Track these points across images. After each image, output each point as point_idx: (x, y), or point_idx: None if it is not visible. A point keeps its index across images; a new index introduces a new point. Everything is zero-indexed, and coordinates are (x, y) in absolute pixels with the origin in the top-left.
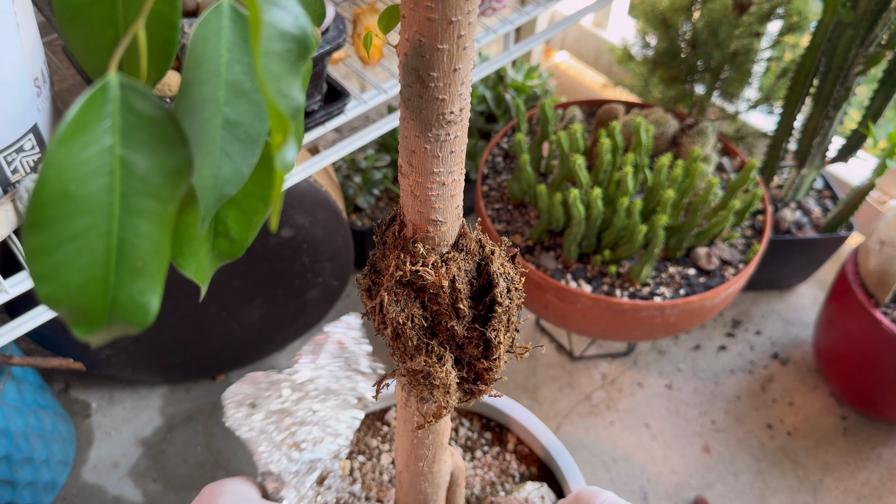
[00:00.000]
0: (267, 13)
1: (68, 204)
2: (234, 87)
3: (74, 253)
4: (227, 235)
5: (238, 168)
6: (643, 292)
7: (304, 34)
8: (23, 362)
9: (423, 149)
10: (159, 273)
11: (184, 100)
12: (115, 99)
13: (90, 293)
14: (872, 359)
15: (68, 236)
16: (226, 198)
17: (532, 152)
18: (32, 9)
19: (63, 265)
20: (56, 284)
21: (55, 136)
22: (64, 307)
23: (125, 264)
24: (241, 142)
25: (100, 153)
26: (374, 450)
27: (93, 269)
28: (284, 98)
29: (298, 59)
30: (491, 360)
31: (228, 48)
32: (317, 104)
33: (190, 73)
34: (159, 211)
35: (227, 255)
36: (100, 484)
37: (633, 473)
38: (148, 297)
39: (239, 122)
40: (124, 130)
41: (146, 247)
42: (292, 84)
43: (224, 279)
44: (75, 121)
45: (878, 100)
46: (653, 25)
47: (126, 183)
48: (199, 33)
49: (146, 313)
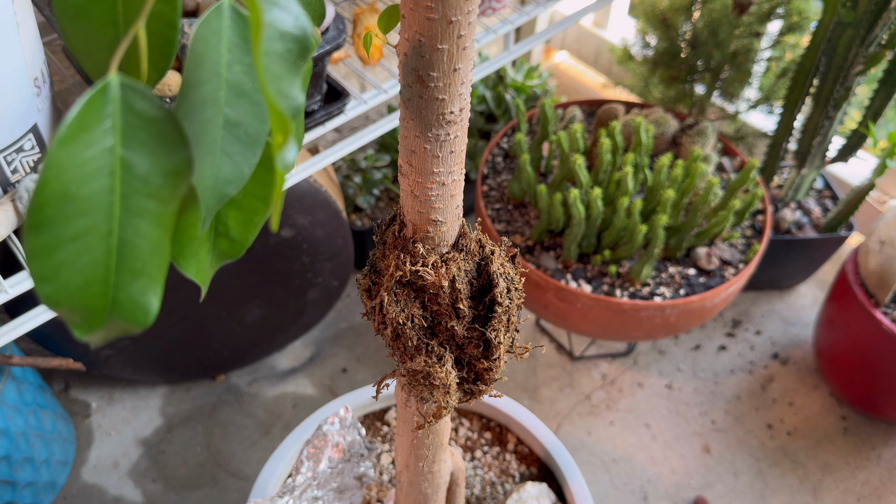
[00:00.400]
0: (267, 13)
1: (69, 204)
2: (235, 88)
3: (75, 253)
4: (227, 236)
5: (239, 168)
6: (643, 292)
7: (305, 34)
8: (23, 362)
9: (423, 149)
10: (159, 273)
11: (184, 100)
12: (116, 99)
13: (90, 293)
14: (872, 359)
15: (69, 237)
16: (227, 198)
17: (532, 152)
18: (32, 9)
19: (64, 266)
20: (57, 285)
21: (56, 137)
22: (64, 308)
23: (125, 265)
24: (241, 142)
25: (100, 154)
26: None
27: (93, 270)
28: (285, 98)
29: (299, 60)
30: (491, 360)
31: (229, 48)
32: (317, 104)
33: (191, 73)
34: (160, 211)
35: (227, 256)
36: (100, 484)
37: (633, 473)
38: (148, 297)
39: (240, 122)
40: (125, 131)
41: (146, 247)
42: (293, 84)
43: (224, 279)
44: (76, 121)
45: (878, 100)
46: (653, 25)
47: (126, 183)
48: (199, 34)
49: (146, 314)
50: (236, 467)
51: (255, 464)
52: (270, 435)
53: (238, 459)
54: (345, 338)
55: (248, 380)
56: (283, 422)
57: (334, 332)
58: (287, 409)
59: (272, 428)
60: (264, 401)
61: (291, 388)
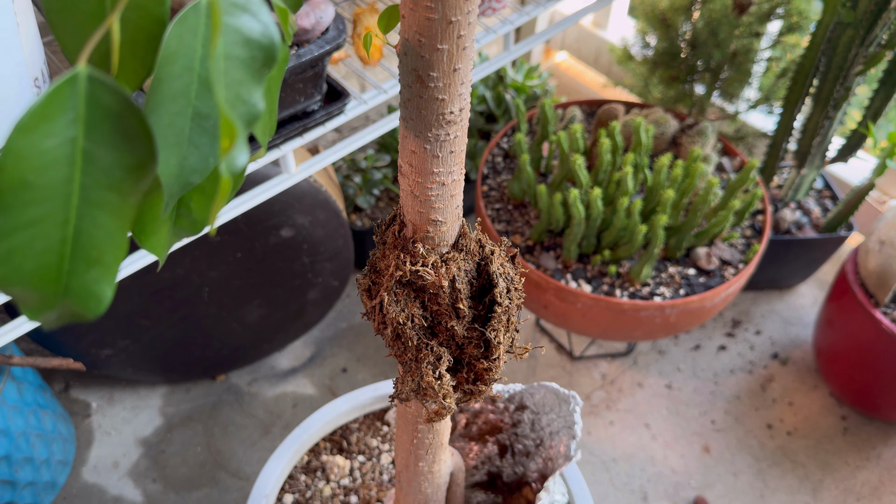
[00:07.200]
0: (234, 18)
1: (25, 192)
2: (207, 82)
3: (29, 239)
4: (189, 216)
5: (205, 159)
6: (643, 292)
7: (272, 44)
8: (23, 362)
9: (423, 149)
10: (114, 263)
11: (155, 93)
12: (82, 92)
13: (42, 278)
14: (872, 359)
15: (24, 223)
16: (190, 186)
17: (532, 152)
18: (32, 9)
19: (17, 250)
20: (9, 267)
21: (17, 124)
22: (16, 289)
23: (80, 253)
24: (209, 134)
25: (61, 144)
26: (374, 450)
27: (46, 256)
28: (243, 104)
29: (263, 68)
30: (491, 360)
31: (203, 45)
32: (317, 104)
33: (163, 68)
34: (119, 204)
35: (187, 233)
36: (100, 484)
37: (632, 473)
38: (102, 286)
39: (209, 115)
40: (89, 123)
41: (103, 237)
42: (253, 91)
43: (224, 279)
44: (39, 110)
45: (878, 100)
46: (653, 25)
47: (87, 174)
48: (175, 31)
49: (99, 302)
50: (236, 467)
51: (255, 464)
52: (270, 435)
53: (238, 459)
54: (345, 338)
55: (248, 380)
56: (283, 422)
57: (334, 332)
58: (287, 409)
59: (272, 428)
60: (264, 401)
61: (291, 387)
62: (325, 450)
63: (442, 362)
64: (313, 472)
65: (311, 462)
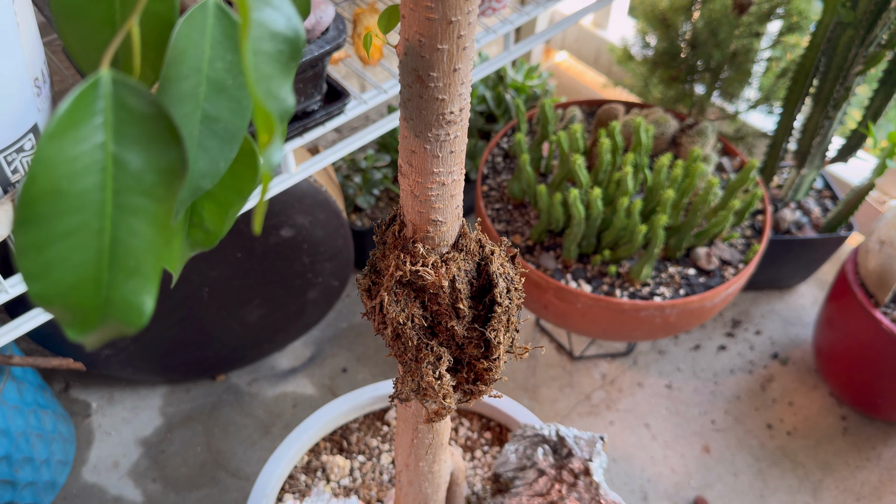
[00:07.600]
0: (259, 12)
1: (59, 201)
2: (216, 84)
3: (66, 251)
4: (202, 226)
5: (215, 163)
6: (643, 292)
7: (297, 35)
8: (23, 362)
9: (423, 149)
10: (154, 273)
11: (163, 95)
12: (108, 95)
13: (83, 292)
14: (872, 359)
15: (59, 234)
16: (201, 191)
17: (532, 152)
18: (32, 9)
19: (54, 263)
20: (47, 282)
21: (45, 132)
22: (57, 306)
23: (118, 263)
24: (219, 137)
25: (91, 149)
26: (374, 450)
27: (85, 268)
28: (274, 99)
29: (290, 61)
30: (491, 360)
31: (211, 45)
32: (317, 104)
33: (171, 69)
34: (154, 210)
35: (201, 245)
36: (100, 484)
37: (632, 473)
38: (142, 297)
39: (218, 118)
40: (117, 127)
41: (140, 246)
42: (283, 85)
43: (224, 279)
44: (66, 116)
45: (878, 100)
46: (653, 25)
47: (119, 181)
48: (182, 30)
49: (140, 314)
50: (236, 467)
51: (255, 464)
52: (270, 435)
53: (238, 459)
54: (345, 338)
55: (248, 380)
56: (283, 422)
57: (334, 332)
58: (287, 409)
59: (272, 428)
60: (264, 401)
61: (291, 387)
62: (326, 450)
63: (442, 362)
64: (313, 472)
65: (312, 462)
